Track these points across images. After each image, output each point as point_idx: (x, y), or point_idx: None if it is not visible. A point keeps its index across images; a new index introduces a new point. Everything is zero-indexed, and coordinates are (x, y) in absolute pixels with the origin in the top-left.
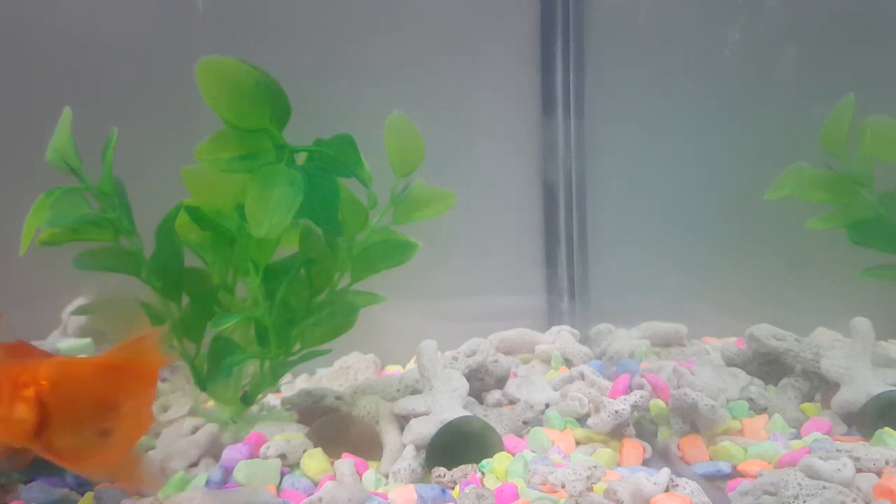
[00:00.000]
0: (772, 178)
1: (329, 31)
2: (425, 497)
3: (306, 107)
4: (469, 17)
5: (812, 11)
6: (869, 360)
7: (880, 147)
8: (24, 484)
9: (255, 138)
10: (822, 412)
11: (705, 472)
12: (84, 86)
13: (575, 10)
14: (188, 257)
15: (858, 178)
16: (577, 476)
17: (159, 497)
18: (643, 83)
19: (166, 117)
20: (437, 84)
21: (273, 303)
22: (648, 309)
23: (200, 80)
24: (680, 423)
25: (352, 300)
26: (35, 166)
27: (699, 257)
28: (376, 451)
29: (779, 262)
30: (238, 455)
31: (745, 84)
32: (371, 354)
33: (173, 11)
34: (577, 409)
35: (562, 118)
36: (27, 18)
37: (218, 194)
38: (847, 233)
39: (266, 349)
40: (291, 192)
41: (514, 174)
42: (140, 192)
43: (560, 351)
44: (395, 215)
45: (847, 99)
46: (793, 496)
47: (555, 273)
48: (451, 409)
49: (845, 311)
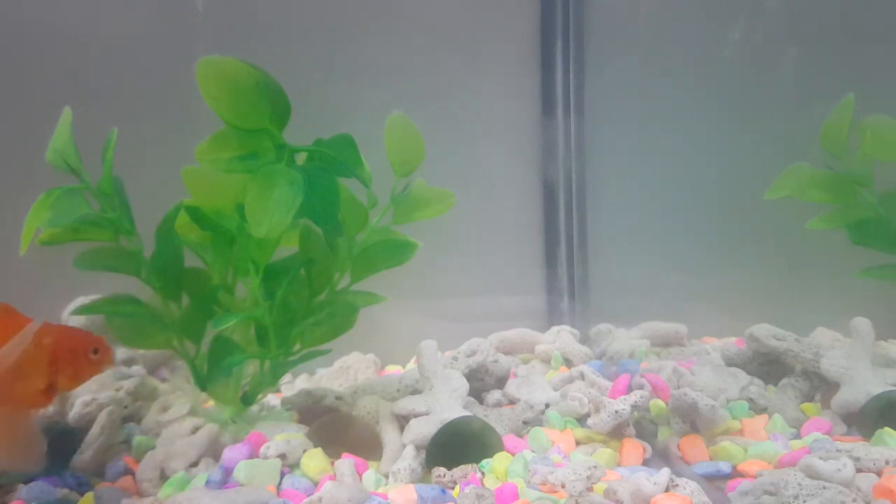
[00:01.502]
0: (772, 178)
1: (329, 31)
2: (425, 497)
3: (306, 107)
4: (469, 17)
5: (812, 11)
6: (869, 360)
7: (880, 147)
8: (24, 484)
9: (255, 138)
10: (822, 412)
11: (705, 472)
12: (84, 86)
13: (575, 10)
14: (188, 257)
15: (858, 178)
16: (577, 476)
17: (159, 497)
18: (643, 83)
19: (166, 117)
20: (438, 84)
21: (273, 303)
22: (648, 309)
23: (200, 80)
24: (680, 423)
25: (352, 300)
26: (35, 166)
27: (699, 257)
28: (376, 451)
29: (779, 262)
30: (238, 455)
31: (745, 84)
32: (371, 354)
33: (173, 11)
34: (577, 409)
35: (562, 118)
36: (27, 18)
37: (218, 194)
38: (847, 233)
39: (266, 349)
40: (291, 192)
41: (514, 174)
42: (140, 192)
43: (560, 351)
44: (395, 215)
45: (847, 99)
46: (793, 496)
47: (555, 273)
48: (451, 409)
49: (845, 311)
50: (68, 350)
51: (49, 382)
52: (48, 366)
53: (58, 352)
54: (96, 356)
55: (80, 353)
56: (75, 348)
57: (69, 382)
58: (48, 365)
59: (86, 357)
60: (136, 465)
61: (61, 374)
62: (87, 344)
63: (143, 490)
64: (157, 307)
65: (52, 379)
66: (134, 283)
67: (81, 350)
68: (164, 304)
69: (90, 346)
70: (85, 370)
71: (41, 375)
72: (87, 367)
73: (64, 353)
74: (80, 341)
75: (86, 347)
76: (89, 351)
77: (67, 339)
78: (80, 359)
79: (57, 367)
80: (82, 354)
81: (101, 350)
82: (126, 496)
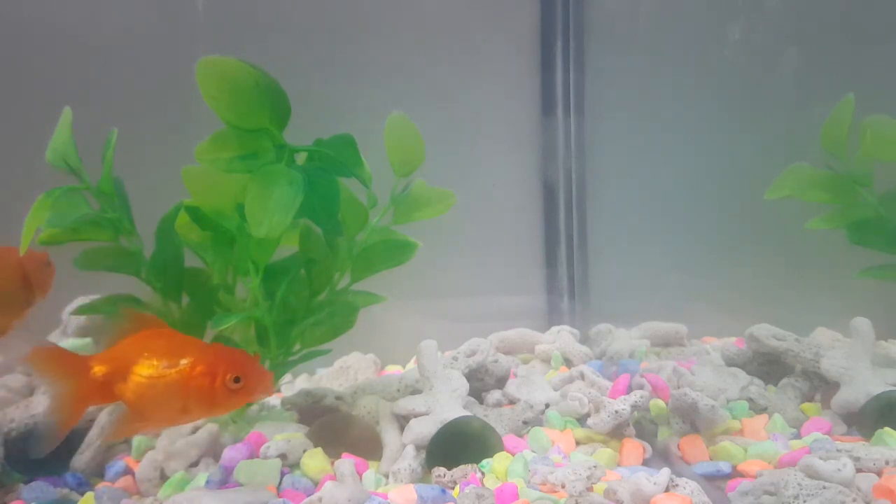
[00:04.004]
0: (772, 178)
1: (329, 31)
2: (425, 497)
3: (306, 107)
4: (469, 17)
5: (812, 11)
6: (869, 360)
7: (880, 147)
8: (25, 484)
9: (255, 138)
10: (822, 412)
11: (705, 472)
12: (84, 86)
13: (575, 10)
14: (188, 257)
15: (858, 178)
16: (577, 476)
17: (159, 497)
18: (643, 83)
19: (166, 117)
20: (438, 84)
21: (273, 303)
22: (648, 309)
23: (200, 80)
24: (680, 423)
25: (352, 300)
26: (35, 166)
27: (699, 257)
28: (376, 451)
29: (779, 262)
30: (238, 455)
31: (746, 84)
32: (371, 354)
33: (173, 11)
34: (577, 409)
35: (562, 118)
36: (27, 18)
37: (218, 194)
38: (847, 233)
39: (266, 349)
40: (291, 192)
41: (514, 174)
42: (140, 192)
43: (560, 351)
44: (395, 215)
45: (847, 99)
46: (793, 496)
47: (555, 273)
48: (451, 409)
49: (845, 311)
50: (202, 376)
51: (182, 405)
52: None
53: (191, 376)
54: (237, 385)
55: (215, 381)
56: (211, 375)
57: (200, 411)
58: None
59: (223, 386)
60: (136, 465)
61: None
62: (228, 371)
63: (143, 490)
64: (157, 307)
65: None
66: (134, 283)
67: (219, 378)
68: (164, 304)
69: (232, 373)
70: (222, 400)
71: (176, 397)
72: (225, 397)
73: (197, 378)
74: (220, 367)
75: (225, 375)
76: (229, 380)
77: (205, 362)
78: (217, 388)
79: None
80: (219, 383)
81: (248, 381)
82: (126, 496)
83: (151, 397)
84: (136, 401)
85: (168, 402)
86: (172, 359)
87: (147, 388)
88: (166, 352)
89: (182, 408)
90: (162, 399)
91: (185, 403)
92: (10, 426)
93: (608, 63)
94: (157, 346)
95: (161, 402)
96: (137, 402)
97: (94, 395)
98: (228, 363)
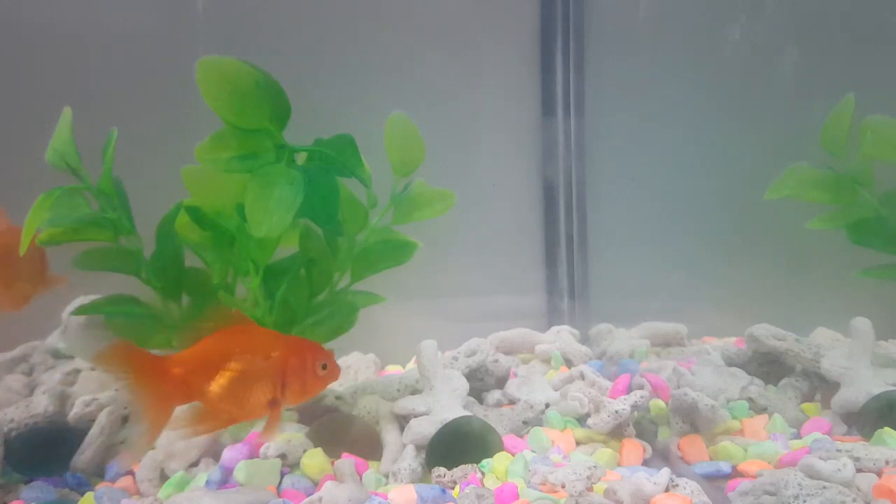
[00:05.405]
0: (772, 178)
1: (329, 31)
2: (425, 497)
3: (306, 107)
4: (469, 16)
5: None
6: (869, 360)
7: (880, 147)
8: (25, 484)
9: (255, 138)
10: (822, 412)
11: (705, 472)
12: (84, 86)
13: (575, 10)
14: (188, 257)
15: (858, 178)
16: (577, 476)
17: (159, 497)
18: (643, 83)
19: (166, 117)
20: (438, 84)
21: (273, 303)
22: (648, 309)
23: (200, 80)
24: (680, 423)
25: (352, 300)
26: (35, 166)
27: (699, 257)
28: (376, 451)
29: (779, 262)
30: (238, 455)
31: (745, 84)
32: (371, 354)
33: (173, 11)
34: (577, 409)
35: (562, 118)
36: (27, 18)
37: (218, 194)
38: (847, 233)
39: None
40: (291, 192)
41: (514, 174)
42: (140, 192)
43: (560, 351)
44: (395, 215)
45: (847, 99)
46: (793, 496)
47: (555, 273)
48: (451, 409)
49: (845, 311)
50: (296, 365)
51: (273, 396)
52: (274, 379)
53: (286, 366)
54: (324, 372)
55: (307, 369)
56: (303, 363)
57: (294, 398)
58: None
59: (313, 373)
60: (137, 464)
61: (287, 388)
62: (316, 358)
63: (143, 490)
64: (157, 307)
65: (276, 393)
66: (134, 283)
67: (310, 365)
68: (164, 304)
69: (319, 360)
70: (311, 386)
71: (267, 388)
72: (314, 383)
73: (292, 367)
74: (308, 355)
75: (314, 362)
76: (318, 366)
77: (296, 352)
78: (308, 374)
79: (283, 381)
80: (310, 370)
81: (330, 366)
82: (126, 496)
83: (240, 391)
84: (223, 396)
85: (258, 394)
86: (263, 352)
87: (239, 382)
88: (254, 346)
89: (273, 399)
90: (251, 392)
91: (277, 394)
92: (10, 426)
93: (608, 63)
94: (242, 342)
95: (249, 395)
96: (224, 398)
97: (177, 396)
98: (315, 352)
